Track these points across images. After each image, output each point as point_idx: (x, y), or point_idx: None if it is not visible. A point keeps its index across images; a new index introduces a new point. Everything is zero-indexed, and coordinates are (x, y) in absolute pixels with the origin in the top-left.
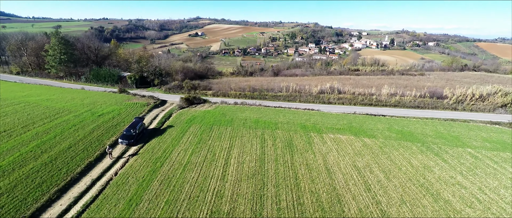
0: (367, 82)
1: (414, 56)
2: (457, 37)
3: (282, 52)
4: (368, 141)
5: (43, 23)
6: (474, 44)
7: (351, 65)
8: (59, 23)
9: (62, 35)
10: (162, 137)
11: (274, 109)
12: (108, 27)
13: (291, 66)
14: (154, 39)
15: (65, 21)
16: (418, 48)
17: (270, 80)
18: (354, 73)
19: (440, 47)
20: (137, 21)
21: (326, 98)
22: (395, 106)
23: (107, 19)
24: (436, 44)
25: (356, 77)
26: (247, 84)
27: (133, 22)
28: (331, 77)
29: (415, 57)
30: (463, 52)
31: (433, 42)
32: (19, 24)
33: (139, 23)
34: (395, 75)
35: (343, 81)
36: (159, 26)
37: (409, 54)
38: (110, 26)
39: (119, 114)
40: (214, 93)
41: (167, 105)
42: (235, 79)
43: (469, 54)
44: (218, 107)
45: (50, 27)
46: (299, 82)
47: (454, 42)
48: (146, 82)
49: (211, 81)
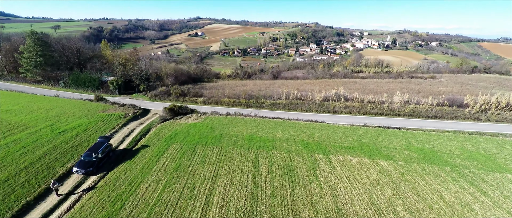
0: (375, 86)
1: (417, 56)
2: (459, 37)
3: (283, 53)
4: (386, 164)
5: (43, 23)
6: (477, 44)
7: (354, 66)
8: (58, 23)
9: (39, 35)
10: (132, 161)
11: (272, 121)
12: (107, 27)
13: (291, 67)
14: (153, 39)
15: (64, 21)
16: (420, 48)
17: (268, 84)
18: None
19: (443, 47)
20: (137, 21)
21: (331, 106)
22: (409, 116)
23: (107, 19)
24: (438, 44)
25: (362, 81)
26: (243, 89)
27: (132, 22)
28: (334, 81)
29: (418, 57)
30: (467, 52)
31: (435, 42)
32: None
33: (138, 23)
34: (404, 79)
35: (348, 86)
36: (159, 26)
37: (412, 54)
38: (109, 26)
39: (85, 130)
40: (205, 101)
41: (148, 116)
42: (231, 83)
43: (473, 55)
44: (206, 119)
45: (49, 27)
46: (300, 87)
47: (457, 42)
48: (131, 88)
49: (205, 85)
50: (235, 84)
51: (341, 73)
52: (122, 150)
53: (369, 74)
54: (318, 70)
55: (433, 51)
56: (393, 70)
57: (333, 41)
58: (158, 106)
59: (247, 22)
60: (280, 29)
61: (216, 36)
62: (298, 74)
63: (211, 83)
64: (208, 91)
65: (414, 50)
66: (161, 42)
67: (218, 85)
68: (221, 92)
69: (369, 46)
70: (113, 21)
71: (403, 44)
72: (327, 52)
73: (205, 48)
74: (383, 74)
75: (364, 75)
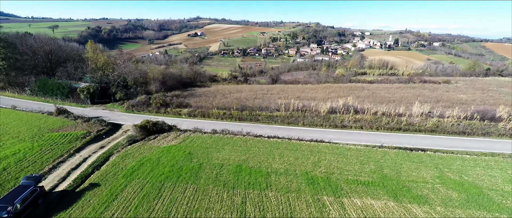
0: (386, 93)
1: (420, 56)
2: (462, 37)
3: (283, 53)
4: (419, 212)
5: (41, 23)
6: (481, 44)
7: (357, 67)
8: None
9: (3, 35)
10: (67, 214)
11: (267, 142)
12: (106, 27)
13: (292, 69)
14: (152, 39)
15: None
16: (423, 49)
17: (266, 90)
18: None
19: (446, 48)
20: (136, 21)
21: (338, 119)
22: (432, 132)
23: (106, 19)
24: (441, 44)
25: (370, 86)
26: (237, 96)
27: (132, 22)
28: (340, 86)
29: (421, 58)
30: (470, 52)
31: (438, 43)
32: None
33: (138, 23)
34: (416, 83)
35: (356, 92)
36: (158, 26)
37: (415, 54)
38: (108, 26)
39: (19, 162)
40: (190, 112)
41: (116, 135)
42: (226, 88)
43: (476, 55)
44: (186, 140)
45: (46, 27)
46: (301, 94)
47: (460, 43)
48: (108, 96)
49: (196, 91)
50: (229, 90)
51: (346, 77)
52: (60, 193)
53: (376, 78)
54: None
55: (436, 51)
56: (399, 72)
57: (334, 41)
58: (134, 119)
59: (247, 22)
60: (281, 29)
61: (216, 36)
62: (299, 76)
63: (203, 88)
64: (197, 99)
65: (417, 51)
66: (160, 42)
67: (210, 91)
68: (211, 101)
69: (371, 46)
70: (112, 21)
71: (405, 45)
72: (328, 52)
73: (204, 49)
74: (392, 78)
75: (371, 79)
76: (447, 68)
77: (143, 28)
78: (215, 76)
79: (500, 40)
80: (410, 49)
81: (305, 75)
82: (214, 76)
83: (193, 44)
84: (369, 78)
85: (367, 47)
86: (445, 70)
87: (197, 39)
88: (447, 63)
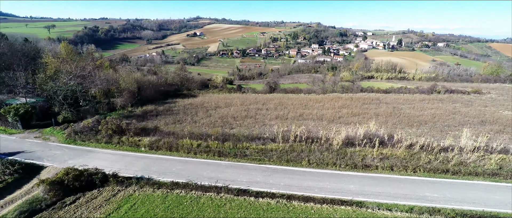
0: (411, 109)
1: (425, 57)
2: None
3: (284, 54)
4: None
5: (39, 23)
6: (486, 45)
7: (364, 71)
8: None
9: None
10: None
11: (252, 209)
12: (103, 27)
13: (293, 71)
14: (150, 40)
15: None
16: (427, 50)
17: (262, 102)
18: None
19: (451, 48)
20: (135, 21)
21: (358, 156)
22: (494, 176)
23: (106, 19)
24: (446, 45)
25: (388, 98)
26: (223, 114)
27: (131, 21)
28: (350, 97)
29: (426, 59)
30: (476, 53)
31: (442, 43)
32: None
33: (137, 23)
34: (441, 94)
35: (372, 108)
36: (158, 26)
37: (419, 55)
38: (106, 26)
39: None
40: (153, 143)
41: (22, 191)
42: (215, 99)
43: (483, 56)
44: (125, 204)
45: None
46: (305, 110)
47: (464, 43)
48: (49, 116)
49: (175, 105)
50: (217, 102)
51: (355, 85)
52: None
53: (392, 86)
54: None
55: (440, 52)
56: (409, 76)
57: (336, 41)
58: (70, 155)
59: (247, 22)
60: (281, 29)
61: (215, 36)
62: (300, 79)
63: (187, 100)
64: (171, 118)
65: (421, 51)
66: (159, 43)
67: (194, 104)
68: (186, 124)
69: (374, 47)
70: (111, 21)
71: (409, 45)
72: (330, 53)
73: (202, 49)
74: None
75: (386, 87)
76: (462, 72)
77: (142, 28)
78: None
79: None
80: (414, 49)
81: (307, 79)
82: (208, 80)
83: (191, 44)
84: (378, 83)
85: (370, 47)
86: (460, 74)
87: (196, 39)
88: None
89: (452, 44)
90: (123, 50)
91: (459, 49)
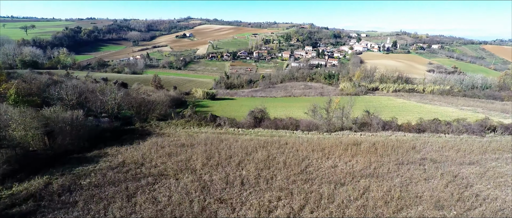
0: (495, 189)
1: (421, 60)
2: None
3: (276, 56)
4: None
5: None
6: (480, 47)
7: (366, 81)
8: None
9: None
10: None
11: None
12: (87, 27)
13: (286, 78)
14: (137, 41)
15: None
16: (423, 52)
17: (240, 156)
18: (413, 129)
19: (445, 50)
20: (123, 21)
21: None
22: None
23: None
24: (440, 47)
25: (427, 144)
26: (163, 206)
27: (117, 22)
28: (372, 144)
29: (422, 62)
30: (470, 55)
31: (437, 45)
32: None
33: (124, 23)
34: (499, 134)
35: (411, 168)
36: (146, 26)
37: (415, 58)
38: (90, 26)
39: None
40: None
41: None
42: (171, 144)
43: (478, 58)
44: None
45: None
46: (307, 175)
47: (459, 45)
48: None
49: (93, 169)
50: (168, 155)
51: (374, 119)
52: None
53: (423, 121)
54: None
55: (436, 54)
56: (418, 88)
57: (330, 43)
58: None
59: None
60: (274, 30)
61: (206, 38)
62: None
63: (124, 150)
64: None
65: (417, 54)
66: (145, 44)
67: (126, 165)
68: None
69: (369, 49)
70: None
71: (404, 47)
72: (324, 56)
73: (191, 52)
74: (455, 126)
75: (418, 125)
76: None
77: (129, 29)
78: (187, 94)
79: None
80: (409, 52)
81: (302, 90)
82: (185, 95)
83: (180, 46)
84: (386, 98)
85: (365, 49)
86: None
87: (185, 41)
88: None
89: (446, 46)
90: (106, 53)
91: (454, 51)
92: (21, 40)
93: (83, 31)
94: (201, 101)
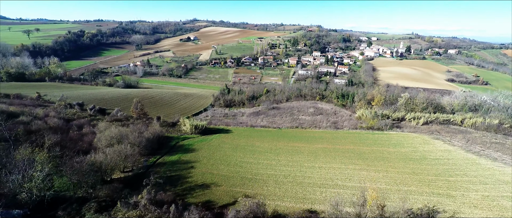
0: None
1: (438, 67)
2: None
3: (282, 62)
4: None
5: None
6: (501, 51)
7: (390, 110)
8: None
9: None
10: None
11: None
12: (90, 31)
13: (292, 95)
14: (140, 45)
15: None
16: (439, 58)
17: None
18: None
19: (463, 56)
20: (128, 24)
21: None
22: None
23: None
24: (458, 52)
25: None
26: None
27: (123, 24)
28: None
29: (440, 69)
30: (491, 61)
31: (454, 50)
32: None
33: (129, 26)
34: None
35: None
36: (152, 28)
37: (432, 65)
38: (94, 29)
39: None
40: None
41: None
42: None
43: (499, 65)
44: None
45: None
46: None
47: (477, 50)
48: None
49: None
50: None
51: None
52: None
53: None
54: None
55: (454, 61)
56: (456, 119)
57: (339, 47)
58: None
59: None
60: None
61: (210, 41)
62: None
63: None
64: None
65: (433, 60)
66: (148, 48)
67: None
68: None
69: (381, 54)
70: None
71: (418, 52)
72: (334, 62)
73: (193, 57)
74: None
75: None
76: None
77: (134, 31)
78: (174, 126)
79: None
80: (424, 58)
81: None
82: (170, 127)
83: (182, 51)
84: (415, 137)
85: (377, 55)
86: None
87: (189, 45)
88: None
89: (464, 51)
90: (107, 58)
91: (473, 56)
92: (20, 46)
93: (86, 34)
94: (188, 138)
